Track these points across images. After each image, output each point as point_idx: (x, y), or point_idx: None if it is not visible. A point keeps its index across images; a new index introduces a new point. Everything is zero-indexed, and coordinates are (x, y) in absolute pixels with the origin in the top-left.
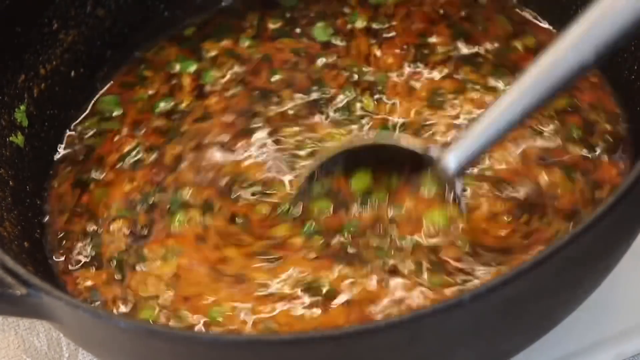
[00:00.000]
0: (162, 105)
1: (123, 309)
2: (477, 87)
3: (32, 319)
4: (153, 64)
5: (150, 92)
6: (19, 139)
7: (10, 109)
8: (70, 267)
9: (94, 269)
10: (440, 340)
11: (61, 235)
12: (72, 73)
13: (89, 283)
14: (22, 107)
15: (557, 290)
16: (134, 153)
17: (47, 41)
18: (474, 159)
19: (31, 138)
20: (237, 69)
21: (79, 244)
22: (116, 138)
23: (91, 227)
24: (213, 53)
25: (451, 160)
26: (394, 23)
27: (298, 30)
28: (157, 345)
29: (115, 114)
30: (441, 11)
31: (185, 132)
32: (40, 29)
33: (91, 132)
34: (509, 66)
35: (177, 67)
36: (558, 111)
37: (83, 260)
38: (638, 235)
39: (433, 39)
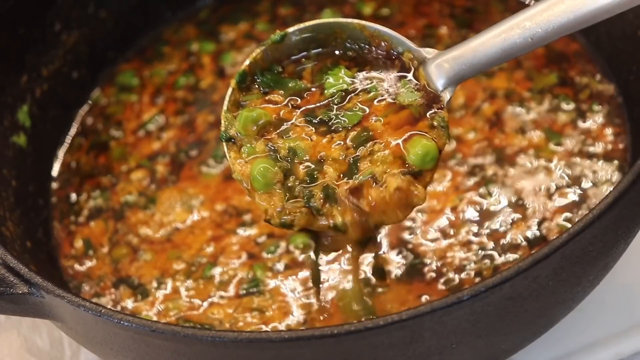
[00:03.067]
0: (183, 81)
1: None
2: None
3: (35, 318)
4: (171, 42)
5: (169, 67)
6: (21, 140)
7: (13, 109)
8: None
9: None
10: (439, 338)
11: (69, 197)
12: (74, 74)
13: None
14: (25, 108)
15: (555, 289)
16: (154, 119)
17: (50, 42)
18: (471, 73)
19: (34, 138)
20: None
21: (86, 201)
22: (136, 107)
23: (107, 181)
24: (231, 36)
25: (442, 66)
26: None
27: (308, 15)
28: (159, 344)
29: (134, 86)
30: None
31: (216, 103)
32: (42, 30)
33: (110, 102)
34: None
35: (196, 47)
36: (549, 86)
37: (86, 213)
38: (637, 234)
39: (438, 30)
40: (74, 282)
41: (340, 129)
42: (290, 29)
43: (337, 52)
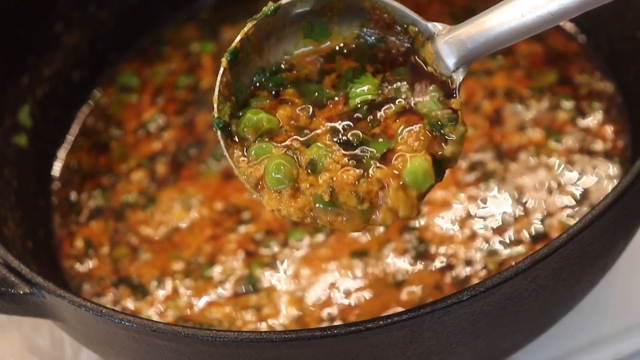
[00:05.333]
0: (184, 81)
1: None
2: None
3: (36, 318)
4: (172, 42)
5: (170, 68)
6: (22, 140)
7: (14, 110)
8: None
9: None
10: (438, 338)
11: (70, 197)
12: (75, 74)
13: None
14: (26, 108)
15: (554, 289)
16: (155, 119)
17: (51, 43)
18: (486, 51)
19: (35, 139)
20: None
21: (87, 200)
22: (136, 107)
23: (107, 181)
24: (231, 35)
25: (454, 44)
26: None
27: None
28: (160, 344)
29: (134, 86)
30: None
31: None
32: (43, 31)
33: (111, 102)
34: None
35: (196, 47)
36: (549, 85)
37: (87, 214)
38: (635, 234)
39: None
40: (75, 282)
41: (365, 160)
42: (284, 1)
43: (342, 49)
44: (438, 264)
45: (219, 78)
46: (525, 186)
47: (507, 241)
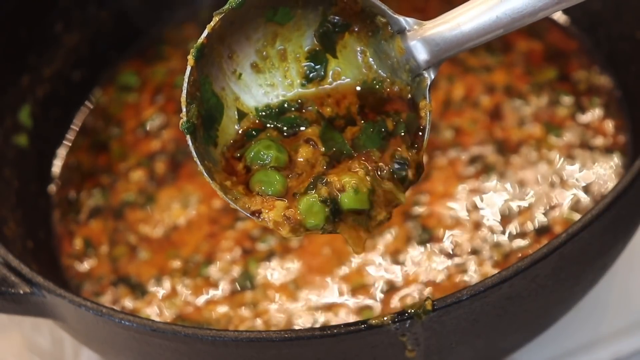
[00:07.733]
0: (183, 80)
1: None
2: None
3: (36, 317)
4: (172, 42)
5: (169, 67)
6: (23, 140)
7: (15, 110)
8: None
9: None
10: (438, 338)
11: (70, 196)
12: (75, 74)
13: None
14: (26, 108)
15: (554, 289)
16: (154, 118)
17: (51, 43)
18: (458, 49)
19: (35, 138)
20: None
21: (87, 199)
22: (136, 107)
23: (107, 180)
24: None
25: (426, 41)
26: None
27: None
28: (160, 343)
29: (134, 86)
30: None
31: None
32: (43, 31)
33: (111, 102)
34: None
35: None
36: (548, 81)
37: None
38: (635, 234)
39: None
40: (75, 281)
41: None
42: None
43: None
44: (441, 251)
45: (186, 78)
46: (526, 179)
47: (514, 232)
